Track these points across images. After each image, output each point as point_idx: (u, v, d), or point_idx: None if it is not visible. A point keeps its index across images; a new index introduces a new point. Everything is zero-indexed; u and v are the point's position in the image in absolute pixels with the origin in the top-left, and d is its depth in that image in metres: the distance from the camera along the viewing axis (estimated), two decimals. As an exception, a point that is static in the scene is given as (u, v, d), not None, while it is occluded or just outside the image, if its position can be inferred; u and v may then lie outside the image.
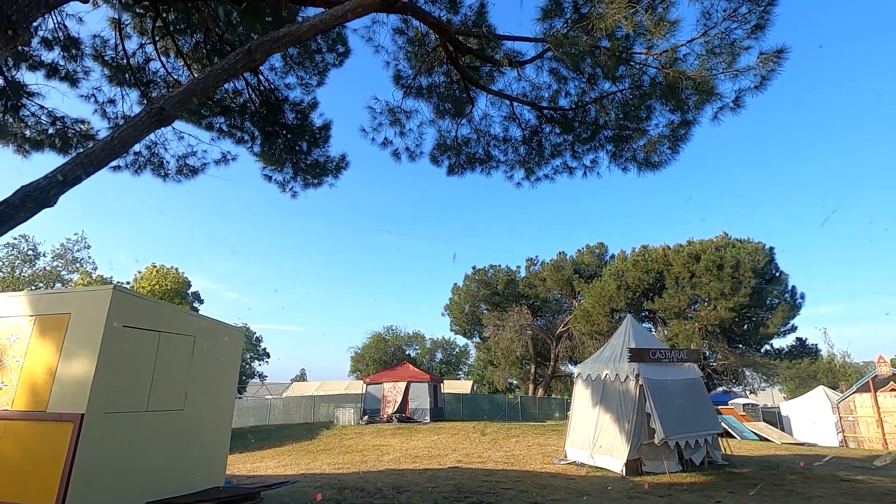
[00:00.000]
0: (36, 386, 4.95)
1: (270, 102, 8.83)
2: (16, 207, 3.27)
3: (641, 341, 9.62)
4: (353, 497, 6.09)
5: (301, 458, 11.58)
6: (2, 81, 7.41)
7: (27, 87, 7.69)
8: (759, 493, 7.05)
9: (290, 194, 9.56)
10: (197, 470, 6.01)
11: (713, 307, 26.39)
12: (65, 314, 5.13)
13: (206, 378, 6.25)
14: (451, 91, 8.53)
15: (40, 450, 4.69)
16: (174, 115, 3.71)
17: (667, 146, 6.79)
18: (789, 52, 5.70)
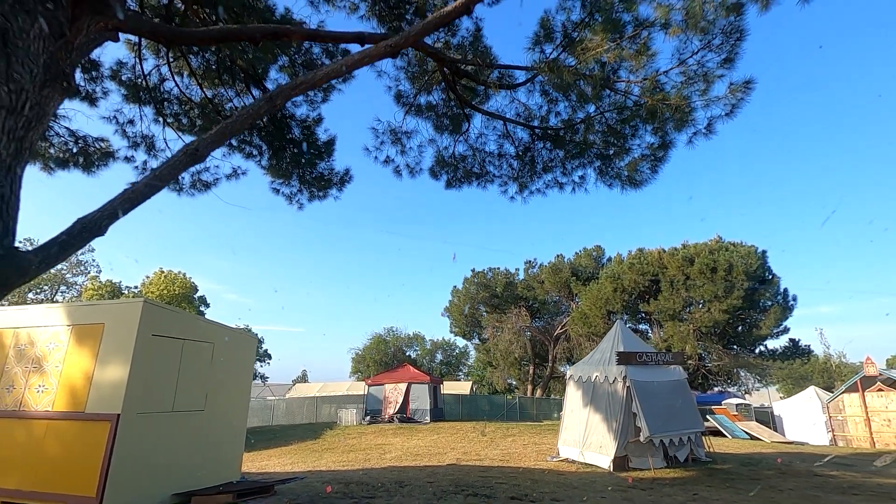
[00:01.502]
0: (75, 389, 5.51)
1: (277, 119, 9.36)
2: (75, 237, 3.82)
3: (630, 345, 10.17)
4: (358, 491, 6.64)
5: (307, 456, 12.14)
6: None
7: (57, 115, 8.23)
8: (734, 486, 7.60)
9: (297, 206, 10.06)
10: (216, 465, 6.57)
11: (707, 309, 26.96)
12: (99, 324, 5.69)
13: (224, 381, 6.80)
14: (448, 109, 9.08)
15: (80, 446, 5.25)
16: (206, 153, 4.26)
17: (647, 167, 7.35)
18: (755, 84, 6.26)
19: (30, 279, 3.67)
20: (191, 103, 9.17)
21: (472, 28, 8.09)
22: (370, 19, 8.45)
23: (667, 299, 27.69)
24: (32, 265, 3.46)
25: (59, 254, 3.78)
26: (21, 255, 3.37)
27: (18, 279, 3.44)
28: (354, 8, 8.48)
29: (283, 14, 8.42)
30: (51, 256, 3.67)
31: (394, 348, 51.40)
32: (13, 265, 3.29)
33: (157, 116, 9.04)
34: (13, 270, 3.32)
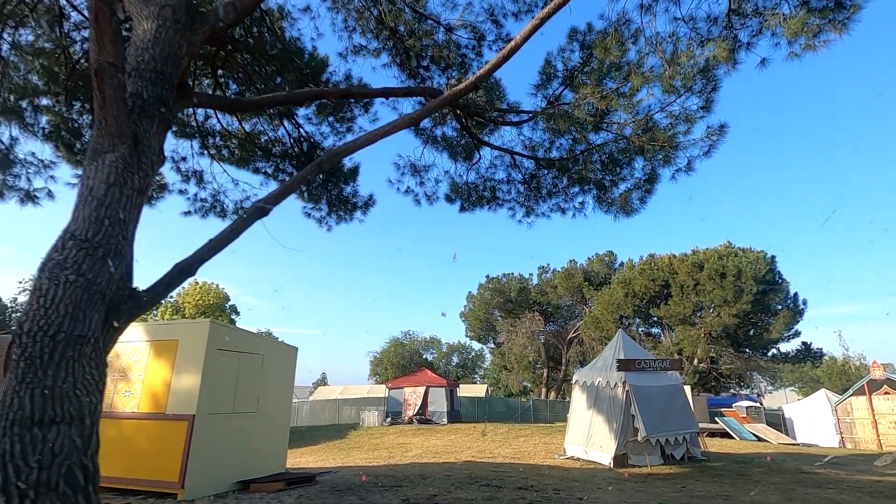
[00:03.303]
0: (156, 394, 6.71)
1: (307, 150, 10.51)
2: (174, 277, 4.99)
3: (630, 353, 11.08)
4: (387, 481, 7.72)
5: (335, 454, 13.29)
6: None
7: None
8: (721, 481, 8.49)
9: (326, 228, 11.17)
10: (267, 458, 7.71)
11: (717, 314, 27.51)
12: (174, 340, 6.89)
13: (271, 386, 7.96)
14: (461, 139, 10.14)
15: (163, 441, 6.43)
16: (270, 209, 5.38)
17: (637, 197, 8.32)
18: (728, 129, 7.20)
19: (144, 312, 4.88)
20: (231, 136, 10.40)
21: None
22: (391, 66, 9.61)
23: (677, 304, 28.31)
24: (146, 301, 4.65)
25: (164, 292, 4.99)
26: (139, 295, 4.58)
27: (138, 313, 4.66)
28: (378, 53, 9.65)
29: (313, 62, 9.65)
30: (157, 294, 4.88)
31: (410, 351, 52.55)
32: (135, 302, 4.48)
33: (202, 149, 10.28)
34: (135, 306, 4.53)
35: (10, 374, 3.74)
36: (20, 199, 8.03)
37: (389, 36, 9.26)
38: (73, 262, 3.90)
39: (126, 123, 4.16)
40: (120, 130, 4.13)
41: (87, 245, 3.96)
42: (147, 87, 4.47)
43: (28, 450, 3.52)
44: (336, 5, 9.17)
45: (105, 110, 4.07)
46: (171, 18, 4.83)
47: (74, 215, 4.10)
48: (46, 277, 3.86)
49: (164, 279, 5.00)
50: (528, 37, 5.74)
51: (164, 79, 4.67)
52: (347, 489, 6.84)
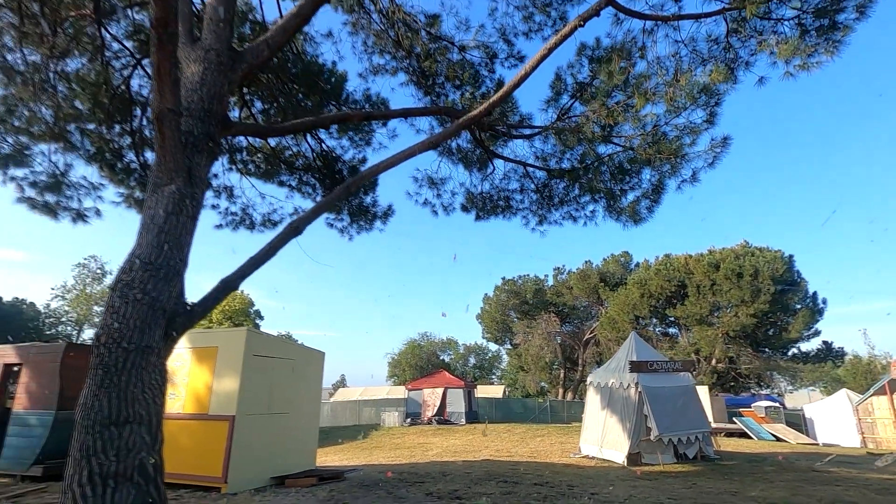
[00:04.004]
0: (199, 396, 7.31)
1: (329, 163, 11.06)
2: (220, 292, 5.56)
3: (642, 355, 11.41)
4: (410, 478, 8.21)
5: (359, 453, 13.86)
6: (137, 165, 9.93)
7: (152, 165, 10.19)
8: (731, 478, 8.79)
9: (348, 237, 11.71)
10: (299, 456, 8.28)
11: (735, 314, 27.45)
12: (214, 347, 7.48)
13: (302, 389, 8.52)
14: (475, 151, 10.59)
15: (207, 439, 7.01)
16: (304, 228, 5.92)
17: (645, 206, 8.68)
18: (732, 141, 7.53)
19: (195, 324, 5.46)
20: (256, 151, 11.02)
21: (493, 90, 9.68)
22: (408, 85, 10.13)
23: (694, 304, 28.32)
24: (197, 314, 5.23)
25: (212, 305, 5.57)
26: (192, 308, 5.14)
27: (191, 324, 5.25)
28: (395, 72, 10.18)
29: (333, 77, 10.21)
30: (206, 307, 5.46)
31: (428, 353, 53.10)
32: (188, 315, 5.06)
33: (231, 164, 10.93)
34: (188, 319, 5.10)
35: (88, 380, 4.33)
36: (72, 218, 8.74)
37: (406, 56, 9.78)
38: (139, 282, 4.49)
39: (182, 159, 4.74)
40: (177, 165, 4.71)
41: (151, 267, 4.54)
42: (197, 125, 5.04)
43: (107, 446, 4.09)
44: (356, 29, 9.72)
45: (164, 148, 4.65)
46: (216, 61, 5.41)
47: (139, 241, 4.69)
48: (118, 296, 4.44)
49: (212, 294, 5.58)
50: (536, 65, 6.19)
51: (211, 116, 5.25)
52: (374, 485, 7.35)
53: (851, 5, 6.04)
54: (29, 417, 8.18)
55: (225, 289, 5.59)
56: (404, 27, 9.07)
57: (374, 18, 9.48)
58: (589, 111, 7.84)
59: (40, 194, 8.44)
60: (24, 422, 8.18)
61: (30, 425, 8.14)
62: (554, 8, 8.66)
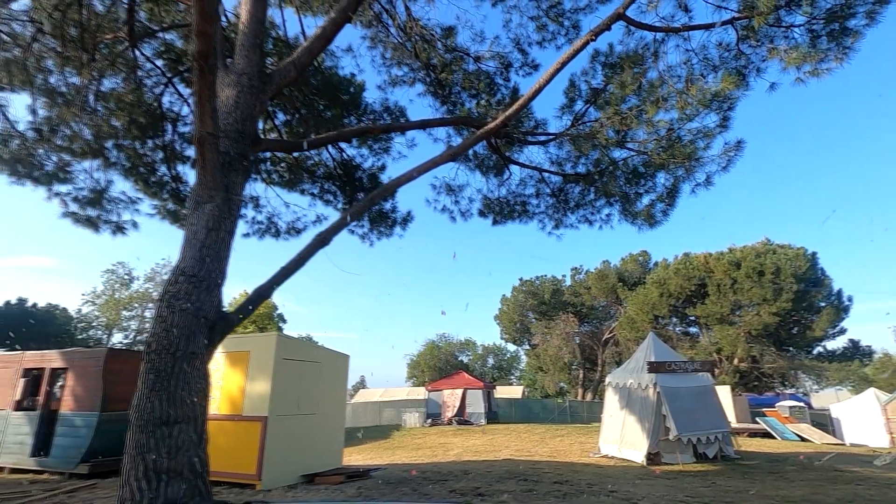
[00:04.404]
0: (233, 398, 7.71)
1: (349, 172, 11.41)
2: (254, 301, 5.94)
3: (660, 355, 11.51)
4: (433, 476, 8.50)
5: (381, 453, 14.21)
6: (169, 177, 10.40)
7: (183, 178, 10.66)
8: (751, 477, 8.87)
9: (369, 244, 12.01)
10: (326, 455, 8.63)
11: (757, 312, 27.12)
12: (246, 351, 7.88)
13: (328, 391, 8.88)
14: (491, 157, 10.83)
15: (241, 439, 7.40)
16: (330, 239, 6.26)
17: (660, 210, 8.83)
18: (745, 145, 7.64)
19: (232, 331, 5.82)
20: (279, 161, 11.42)
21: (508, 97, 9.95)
22: (426, 96, 10.44)
23: (714, 303, 28.06)
24: (234, 321, 5.60)
25: (247, 313, 5.94)
26: (229, 316, 5.51)
27: (229, 331, 5.61)
28: (413, 82, 10.50)
29: (352, 87, 10.56)
30: (243, 315, 5.83)
31: (446, 354, 53.39)
32: (227, 323, 5.42)
33: (255, 174, 11.35)
34: (227, 326, 5.47)
35: (140, 384, 4.72)
36: (112, 231, 9.26)
37: (422, 67, 10.08)
38: (184, 293, 4.87)
39: (220, 178, 5.11)
40: (216, 184, 5.09)
41: (195, 279, 4.92)
42: (233, 146, 5.42)
43: (160, 444, 4.48)
44: (375, 43, 10.09)
45: (205, 169, 5.03)
46: (248, 84, 5.80)
47: (182, 254, 5.08)
48: (165, 306, 4.83)
49: (247, 302, 5.97)
50: (550, 78, 6.43)
51: (244, 137, 5.63)
52: (400, 482, 7.66)
53: (861, 11, 6.13)
54: (75, 418, 8.70)
55: (259, 297, 5.98)
56: (421, 41, 9.38)
57: (392, 32, 9.81)
58: (603, 117, 8.02)
59: (83, 209, 8.96)
60: (71, 423, 8.70)
61: (76, 426, 8.66)
62: (567, 18, 8.89)
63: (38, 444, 8.86)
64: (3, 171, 8.93)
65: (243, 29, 6.01)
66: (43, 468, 8.70)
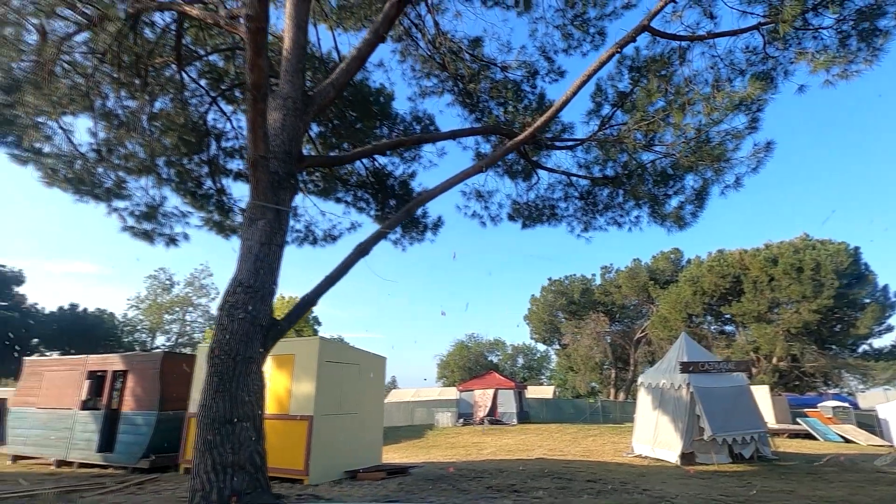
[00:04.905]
0: (280, 398, 8.20)
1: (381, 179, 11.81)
2: (301, 308, 6.36)
3: (693, 355, 11.50)
4: (469, 474, 8.81)
5: (417, 451, 14.62)
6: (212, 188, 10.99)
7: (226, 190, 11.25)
8: (788, 478, 8.83)
9: (401, 249, 12.39)
10: (367, 452, 9.06)
11: (796, 310, 26.37)
12: (291, 354, 8.36)
13: (368, 391, 9.31)
14: (519, 163, 11.05)
15: (289, 437, 7.88)
16: (369, 249, 6.65)
17: (689, 212, 8.89)
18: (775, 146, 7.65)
19: (282, 336, 6.25)
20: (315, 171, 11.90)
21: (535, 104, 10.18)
22: (454, 105, 10.76)
23: (750, 301, 27.41)
24: (284, 328, 6.04)
25: (294, 320, 6.38)
26: (280, 323, 5.95)
27: (280, 336, 6.04)
28: (441, 93, 10.83)
29: (381, 97, 10.97)
30: (291, 322, 6.27)
31: (475, 354, 53.63)
32: (278, 329, 5.86)
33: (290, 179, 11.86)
34: (278, 332, 5.90)
35: (205, 386, 5.20)
36: (165, 243, 9.94)
37: (450, 77, 10.41)
38: (242, 303, 5.33)
39: (271, 197, 5.56)
40: (267, 202, 5.53)
41: (251, 290, 5.38)
42: (281, 166, 5.86)
43: (224, 440, 4.94)
44: (404, 56, 10.48)
45: (257, 189, 5.49)
46: (293, 107, 6.24)
47: (239, 267, 5.54)
48: (226, 315, 5.30)
49: (295, 310, 6.40)
50: (577, 90, 6.66)
51: (291, 156, 6.07)
52: (438, 479, 8.00)
53: (892, 11, 6.13)
54: (135, 417, 9.40)
55: (305, 305, 6.41)
56: (450, 53, 9.70)
57: (422, 46, 10.18)
58: (631, 122, 8.16)
59: (139, 223, 9.66)
60: (132, 421, 9.40)
61: (136, 424, 9.36)
62: (592, 25, 9.05)
63: (103, 440, 9.59)
64: (68, 190, 9.70)
65: (286, 55, 6.45)
66: (108, 463, 9.43)
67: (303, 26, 6.62)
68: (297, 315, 6.38)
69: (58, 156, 9.32)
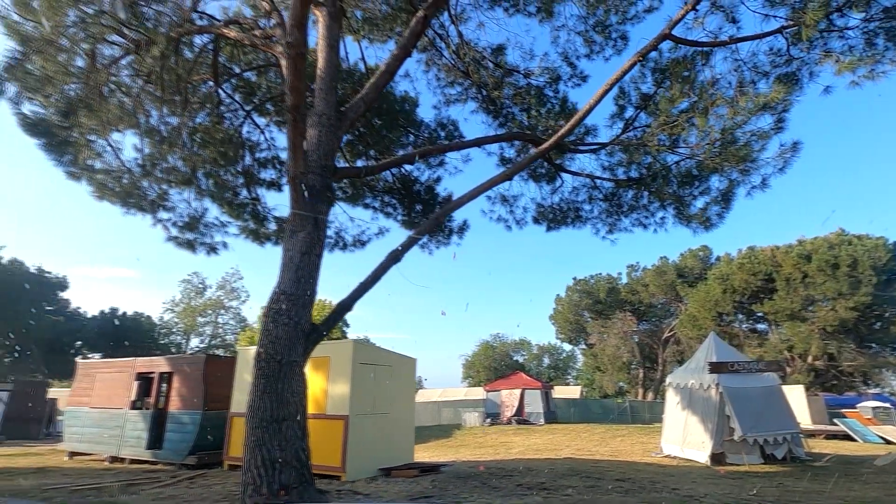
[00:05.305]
0: (317, 399, 8.58)
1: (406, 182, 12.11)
2: (338, 313, 6.72)
3: (722, 355, 11.44)
4: (499, 472, 9.04)
5: (446, 450, 14.91)
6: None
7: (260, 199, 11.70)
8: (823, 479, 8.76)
9: (428, 252, 12.66)
10: (399, 451, 9.38)
11: (832, 307, 25.65)
12: (326, 357, 8.73)
13: (399, 392, 9.63)
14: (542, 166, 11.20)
15: (326, 435, 8.24)
16: (402, 256, 6.96)
17: (715, 213, 8.91)
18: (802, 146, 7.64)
19: (321, 340, 6.59)
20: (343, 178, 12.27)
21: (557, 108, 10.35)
22: (478, 112, 10.99)
23: (783, 299, 26.78)
24: (323, 331, 6.39)
25: (332, 325, 6.71)
26: (319, 328, 6.30)
27: (319, 340, 6.38)
28: (465, 100, 11.08)
29: (406, 103, 11.30)
30: (329, 327, 6.60)
31: (501, 354, 53.64)
32: (317, 333, 6.21)
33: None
34: (317, 336, 6.25)
35: (253, 387, 5.59)
36: (206, 251, 10.48)
37: (474, 85, 10.65)
38: (285, 310, 5.70)
39: (310, 210, 5.91)
40: (306, 215, 5.89)
41: (293, 298, 5.74)
42: (318, 180, 6.22)
43: (272, 438, 5.31)
44: (429, 66, 10.77)
45: (297, 203, 5.86)
46: (327, 124, 6.59)
47: (281, 277, 5.91)
48: (271, 321, 5.67)
49: (332, 315, 6.76)
50: (601, 98, 6.83)
51: (327, 170, 6.43)
52: (469, 476, 8.26)
53: (920, 9, 6.09)
54: (182, 416, 9.95)
55: (342, 310, 6.77)
56: (473, 62, 9.94)
57: (446, 55, 10.45)
58: (654, 125, 8.25)
59: (182, 233, 10.21)
60: (179, 420, 9.95)
61: (183, 423, 9.91)
62: (613, 29, 9.16)
63: (152, 438, 10.19)
64: (117, 203, 10.32)
65: (320, 74, 6.82)
66: (157, 459, 10.01)
67: (335, 46, 6.98)
68: (335, 320, 6.74)
69: (107, 171, 9.93)
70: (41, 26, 7.65)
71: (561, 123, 10.10)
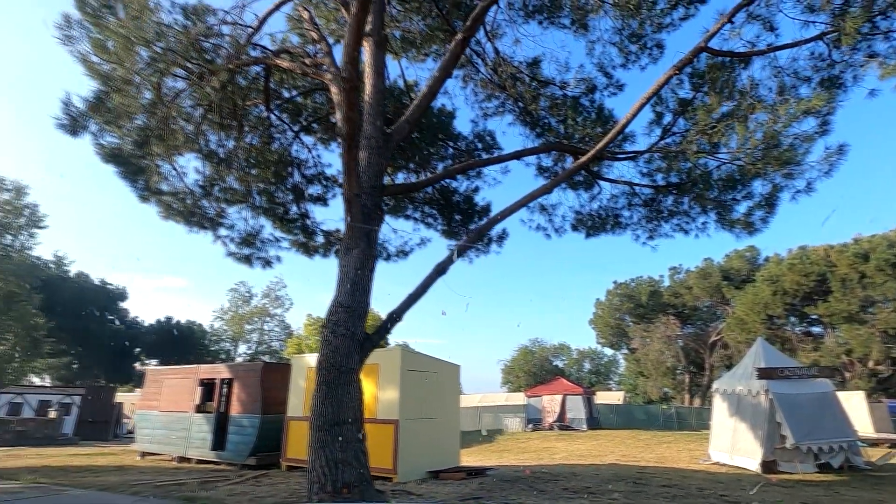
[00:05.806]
0: (369, 404, 8.96)
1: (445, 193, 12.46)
2: (388, 324, 7.13)
3: (771, 360, 11.19)
4: (545, 477, 9.22)
5: (490, 455, 15.14)
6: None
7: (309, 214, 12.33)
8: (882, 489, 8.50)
9: (468, 260, 12.98)
10: (446, 454, 9.72)
11: (893, 309, 24.29)
12: (376, 364, 9.18)
13: (445, 397, 9.98)
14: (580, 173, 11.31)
15: (378, 438, 8.65)
16: (447, 269, 7.32)
17: (759, 217, 8.83)
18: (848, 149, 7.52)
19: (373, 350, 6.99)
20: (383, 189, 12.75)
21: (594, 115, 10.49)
22: (515, 124, 11.26)
23: (839, 300, 25.56)
24: (376, 341, 6.80)
25: (384, 333, 7.13)
26: (371, 337, 6.73)
27: (372, 349, 6.80)
28: (502, 112, 11.38)
29: (443, 116, 11.68)
30: (380, 336, 7.03)
31: (540, 359, 53.20)
32: (370, 343, 6.62)
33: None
34: (371, 346, 6.67)
35: (315, 393, 6.05)
36: (262, 265, 11.19)
37: (510, 98, 10.93)
38: (343, 322, 6.15)
39: (364, 227, 6.36)
40: (360, 233, 6.35)
41: (350, 310, 6.19)
42: (369, 199, 6.67)
43: (334, 440, 5.75)
44: (466, 82, 11.15)
45: (352, 222, 6.31)
46: (376, 146, 7.05)
47: (338, 290, 6.37)
48: (330, 332, 6.13)
49: (383, 325, 7.18)
50: (638, 111, 7.02)
51: (377, 190, 6.87)
52: (515, 480, 8.49)
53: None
54: (242, 420, 10.64)
55: (392, 321, 7.18)
56: (510, 77, 10.24)
57: (482, 71, 10.80)
58: (693, 132, 8.28)
59: (240, 248, 10.95)
60: (240, 423, 10.64)
61: (243, 426, 10.59)
62: (648, 38, 9.27)
63: (216, 440, 10.92)
64: (181, 222, 11.17)
65: (368, 100, 7.29)
66: (220, 460, 10.73)
67: (381, 72, 7.45)
68: (386, 330, 7.16)
69: (173, 193, 10.78)
70: (118, 66, 8.47)
71: (598, 131, 10.27)
